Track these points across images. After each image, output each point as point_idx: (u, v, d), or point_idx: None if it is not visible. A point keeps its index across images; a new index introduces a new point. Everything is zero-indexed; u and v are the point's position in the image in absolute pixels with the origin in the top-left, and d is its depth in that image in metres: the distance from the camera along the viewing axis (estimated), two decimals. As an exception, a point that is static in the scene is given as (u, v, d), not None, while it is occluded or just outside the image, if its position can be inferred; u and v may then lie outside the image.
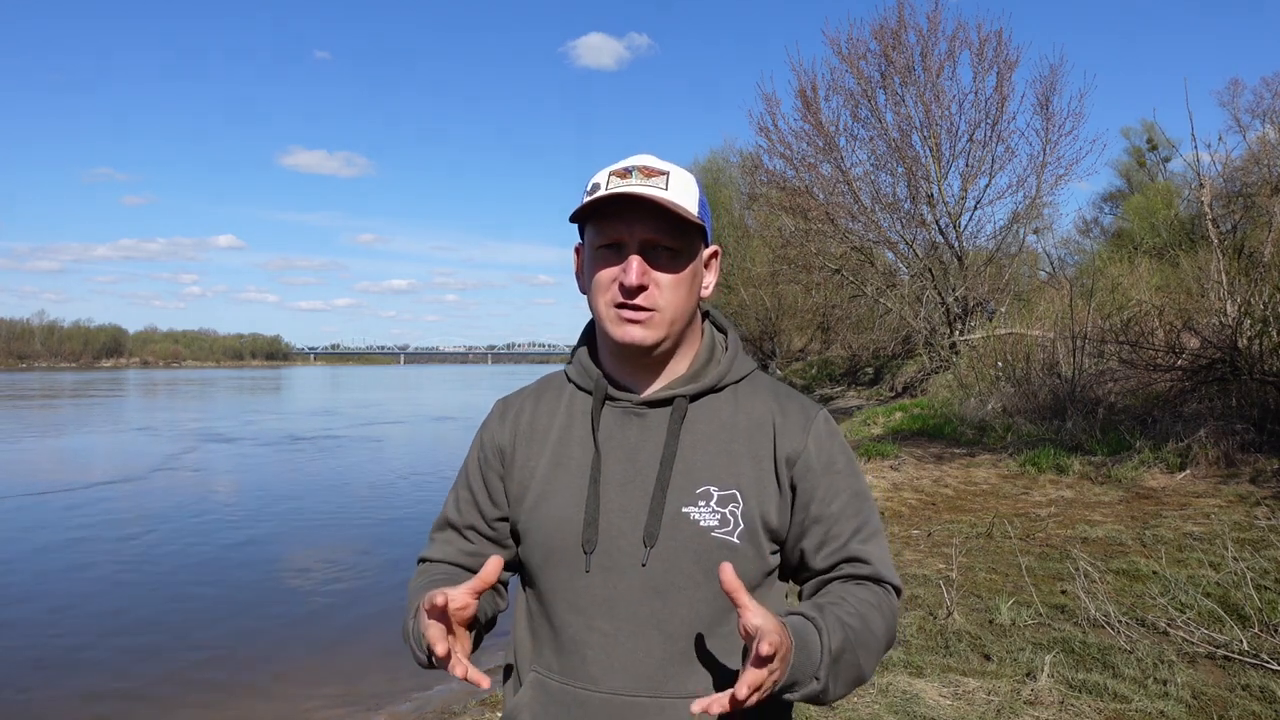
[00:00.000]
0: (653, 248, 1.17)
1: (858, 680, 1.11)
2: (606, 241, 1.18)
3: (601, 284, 1.19)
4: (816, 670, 1.03)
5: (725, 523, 1.16)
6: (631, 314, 1.17)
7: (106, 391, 49.51)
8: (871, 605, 1.15)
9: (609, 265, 1.18)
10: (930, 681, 3.81)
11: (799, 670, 1.01)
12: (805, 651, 1.02)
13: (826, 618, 1.08)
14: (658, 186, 1.16)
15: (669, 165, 1.21)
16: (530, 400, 1.33)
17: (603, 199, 1.15)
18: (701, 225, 1.19)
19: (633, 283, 1.15)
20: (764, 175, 20.43)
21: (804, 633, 1.04)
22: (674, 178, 1.19)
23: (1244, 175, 20.73)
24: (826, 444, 1.23)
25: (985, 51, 17.42)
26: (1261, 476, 7.53)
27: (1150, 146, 31.79)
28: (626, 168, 1.19)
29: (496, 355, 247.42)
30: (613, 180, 1.18)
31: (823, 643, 1.04)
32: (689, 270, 1.20)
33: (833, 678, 1.05)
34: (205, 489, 12.75)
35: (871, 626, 1.13)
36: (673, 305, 1.18)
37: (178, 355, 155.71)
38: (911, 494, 8.38)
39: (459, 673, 1.03)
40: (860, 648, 1.10)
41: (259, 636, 6.12)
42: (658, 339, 1.19)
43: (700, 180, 1.25)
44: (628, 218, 1.16)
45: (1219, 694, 3.55)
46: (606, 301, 1.18)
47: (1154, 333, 10.55)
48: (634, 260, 1.15)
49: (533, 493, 1.24)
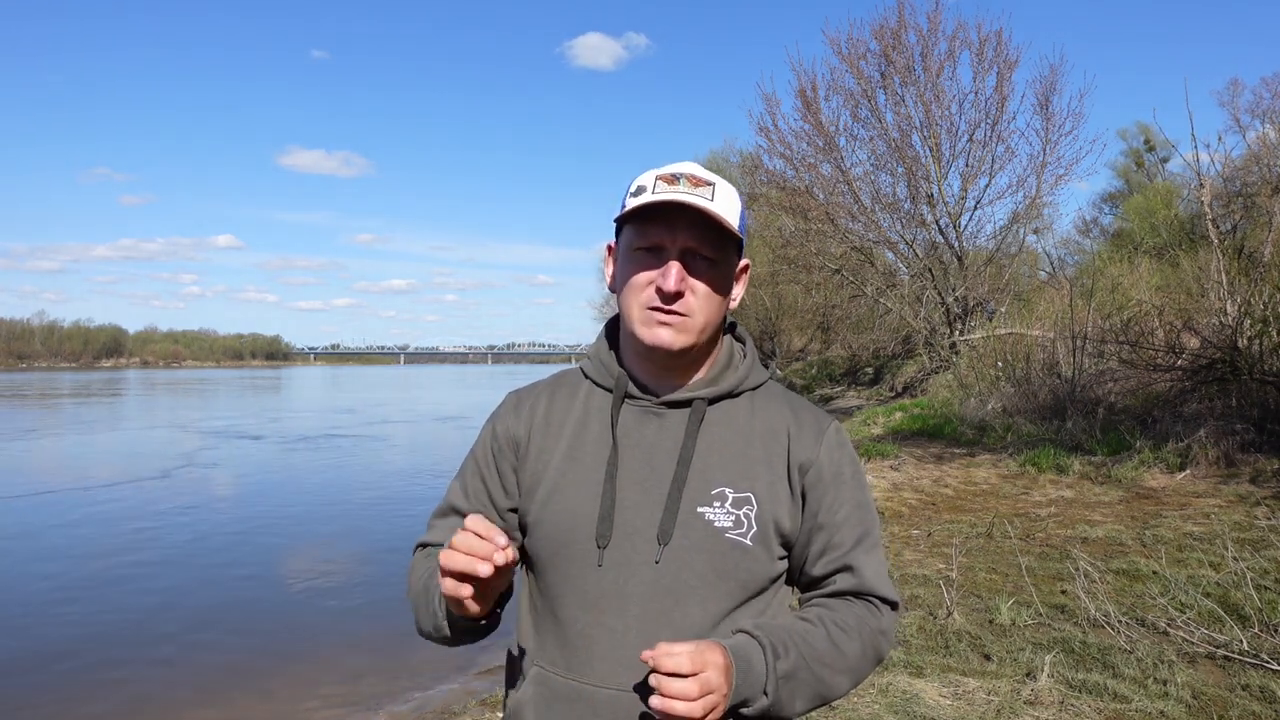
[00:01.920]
0: (692, 255, 1.18)
1: (821, 697, 1.15)
2: (647, 245, 1.19)
3: (637, 285, 1.20)
4: (764, 686, 1.07)
5: (739, 524, 1.17)
6: (664, 317, 1.18)
7: (123, 391, 49.71)
8: (848, 626, 1.18)
9: (646, 268, 1.19)
10: (930, 681, 3.81)
11: (745, 688, 1.06)
12: (747, 669, 1.07)
13: (777, 637, 1.12)
14: (704, 197, 1.17)
15: (715, 176, 1.23)
16: (545, 394, 1.33)
17: (654, 204, 1.16)
18: (740, 238, 1.21)
19: (672, 288, 1.16)
20: (764, 175, 20.44)
21: (746, 651, 1.08)
22: (720, 189, 1.20)
23: (1244, 175, 20.72)
24: (837, 455, 1.25)
25: (985, 51, 17.46)
26: (1261, 476, 7.53)
27: (1148, 147, 31.79)
28: (674, 174, 1.20)
29: (497, 355, 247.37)
30: (659, 185, 1.18)
31: (767, 661, 1.08)
32: (723, 282, 1.22)
33: (786, 694, 1.10)
34: (227, 487, 12.77)
35: (840, 645, 1.16)
36: (704, 313, 1.19)
37: (178, 355, 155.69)
38: (911, 494, 8.38)
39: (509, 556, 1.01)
40: (823, 666, 1.14)
41: (259, 636, 6.12)
42: (686, 344, 1.20)
43: (744, 195, 1.26)
44: (672, 223, 1.17)
45: (1219, 694, 3.55)
46: (640, 303, 1.19)
47: (1154, 333, 10.55)
48: (674, 266, 1.16)
49: (546, 485, 1.24)
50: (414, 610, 1.23)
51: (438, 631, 1.18)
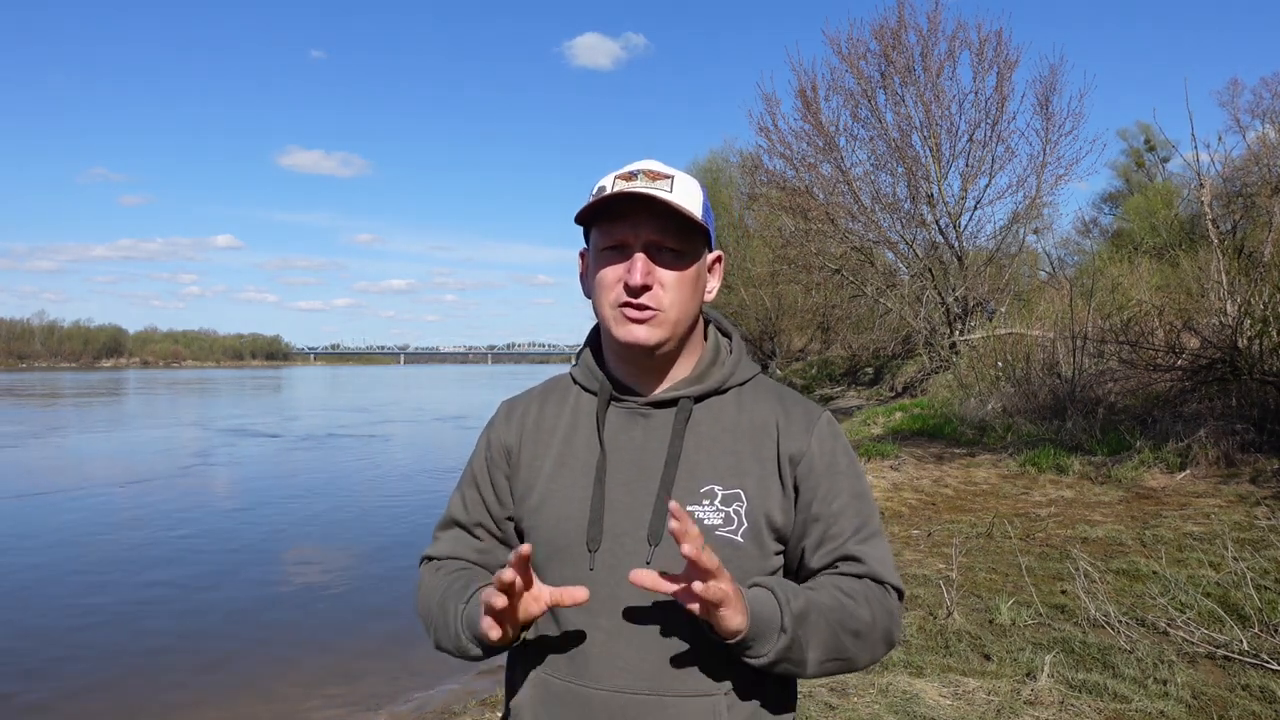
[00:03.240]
0: (657, 249, 1.18)
1: (837, 652, 1.12)
2: (612, 243, 1.20)
3: (605, 284, 1.20)
4: (781, 622, 1.06)
5: (729, 521, 1.17)
6: (635, 313, 1.18)
7: (132, 391, 49.96)
8: (856, 592, 1.16)
9: (613, 266, 1.19)
10: (930, 681, 3.81)
11: (760, 623, 1.05)
12: (760, 608, 1.06)
13: (784, 585, 1.11)
14: (662, 189, 1.17)
15: (673, 170, 1.23)
16: (536, 401, 1.34)
17: (608, 198, 1.17)
18: (705, 228, 1.21)
19: (637, 282, 1.16)
20: (764, 175, 20.45)
21: (756, 594, 1.08)
22: (678, 181, 1.21)
23: (1244, 175, 20.70)
24: (829, 445, 1.24)
25: (985, 51, 17.45)
26: (1261, 476, 7.53)
27: (1148, 147, 31.80)
28: (631, 171, 1.21)
29: (497, 355, 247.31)
30: (618, 184, 1.19)
31: (779, 600, 1.07)
32: (692, 272, 1.21)
33: (803, 635, 1.08)
34: (238, 485, 12.77)
35: (850, 607, 1.14)
36: (676, 306, 1.19)
37: (178, 355, 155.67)
38: (911, 494, 8.39)
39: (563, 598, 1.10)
40: (835, 622, 1.11)
41: (259, 636, 6.12)
42: (661, 339, 1.19)
43: (704, 185, 1.27)
44: (633, 219, 1.17)
45: (1219, 694, 3.55)
46: (610, 301, 1.19)
47: (1154, 333, 10.55)
48: (639, 259, 1.17)
49: (537, 491, 1.25)
50: (431, 629, 1.24)
51: (463, 653, 1.19)
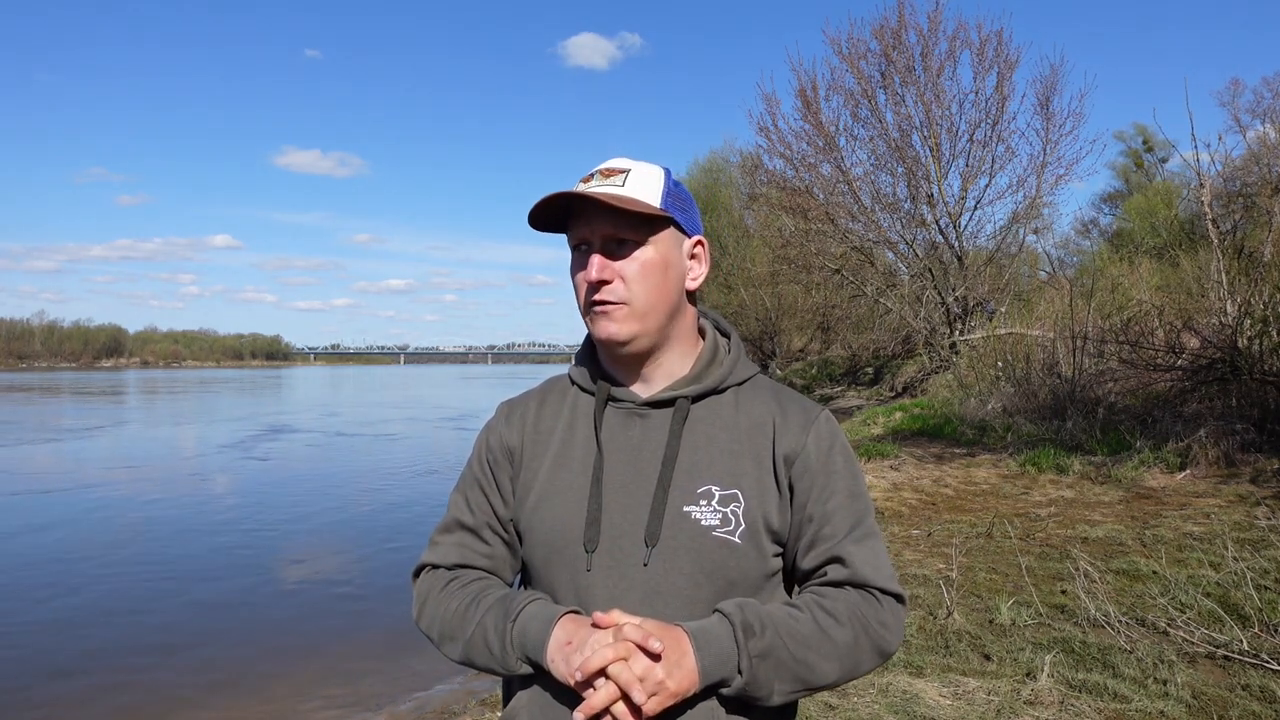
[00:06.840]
0: (617, 242, 1.19)
1: (805, 682, 1.11)
2: (575, 243, 1.23)
3: (577, 285, 1.23)
4: (737, 664, 1.06)
5: (726, 522, 1.16)
6: (601, 309, 1.19)
7: (142, 392, 50.05)
8: (837, 612, 1.14)
9: (580, 267, 1.22)
10: (930, 681, 3.81)
11: (716, 668, 1.05)
12: (714, 648, 1.06)
13: (752, 616, 1.09)
14: (614, 185, 1.19)
15: (633, 163, 1.23)
16: (535, 402, 1.34)
17: (542, 202, 1.18)
18: (666, 215, 1.20)
19: (593, 278, 1.18)
20: (764, 175, 20.47)
21: (712, 631, 1.07)
22: (634, 174, 1.21)
23: (1244, 175, 20.70)
24: (826, 444, 1.22)
25: (985, 51, 17.42)
26: (1261, 476, 7.53)
27: (1146, 148, 31.80)
28: (592, 171, 1.23)
29: (496, 355, 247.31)
30: (579, 186, 1.21)
31: (738, 639, 1.06)
32: (656, 261, 1.20)
33: (764, 674, 1.07)
34: (273, 479, 12.77)
35: (827, 630, 1.12)
36: (642, 296, 1.19)
37: (178, 355, 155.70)
38: (911, 494, 8.38)
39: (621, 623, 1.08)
40: (806, 649, 1.10)
41: (259, 636, 6.11)
42: (631, 333, 1.20)
43: (670, 171, 1.26)
44: (586, 217, 1.20)
45: (1219, 694, 3.55)
46: (583, 302, 1.22)
47: (1154, 333, 10.55)
48: (594, 257, 1.19)
49: (535, 493, 1.25)
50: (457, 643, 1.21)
51: (509, 671, 1.17)
